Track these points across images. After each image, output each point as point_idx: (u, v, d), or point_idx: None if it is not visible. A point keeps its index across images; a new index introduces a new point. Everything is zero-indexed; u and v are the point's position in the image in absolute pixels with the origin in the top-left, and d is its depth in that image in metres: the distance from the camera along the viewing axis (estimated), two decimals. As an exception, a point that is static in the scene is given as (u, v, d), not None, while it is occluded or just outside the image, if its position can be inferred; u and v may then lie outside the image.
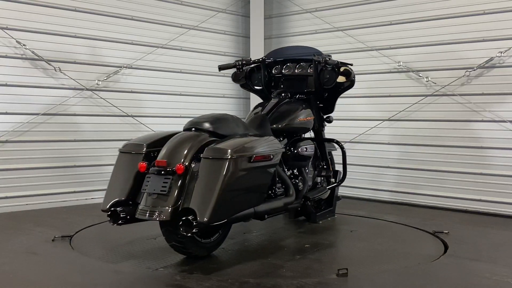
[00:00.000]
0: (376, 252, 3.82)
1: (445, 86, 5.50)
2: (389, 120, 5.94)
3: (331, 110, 4.65)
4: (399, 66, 5.85)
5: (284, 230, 4.48)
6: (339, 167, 4.76)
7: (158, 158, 3.30)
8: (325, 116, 4.69)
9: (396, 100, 5.90)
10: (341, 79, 4.40)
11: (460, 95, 5.43)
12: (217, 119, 3.57)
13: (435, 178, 5.61)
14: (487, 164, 5.28)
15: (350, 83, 4.41)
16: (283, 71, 4.57)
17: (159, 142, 3.47)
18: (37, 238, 4.06)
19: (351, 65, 4.40)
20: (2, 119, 5.13)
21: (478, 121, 5.33)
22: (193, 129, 3.50)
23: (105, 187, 3.48)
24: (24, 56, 5.26)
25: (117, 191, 3.37)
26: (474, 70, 5.31)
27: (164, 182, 3.19)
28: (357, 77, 5.94)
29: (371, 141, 6.09)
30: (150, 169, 3.28)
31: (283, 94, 4.46)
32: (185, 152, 3.27)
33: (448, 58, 5.52)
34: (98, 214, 4.96)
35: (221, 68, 4.51)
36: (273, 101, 4.32)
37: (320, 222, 4.70)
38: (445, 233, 4.28)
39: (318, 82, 4.42)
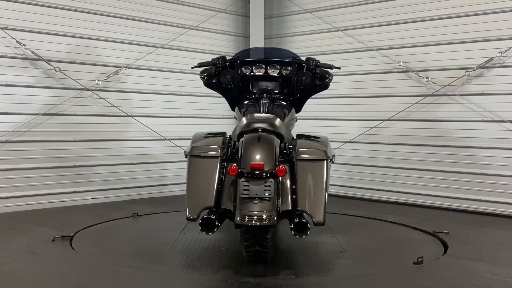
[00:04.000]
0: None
1: (445, 86, 5.50)
2: (389, 120, 5.94)
3: (299, 110, 4.64)
4: (399, 66, 5.85)
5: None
6: None
7: (252, 161, 3.11)
8: None
9: (396, 100, 5.90)
10: None
11: (460, 95, 5.43)
12: (276, 120, 3.51)
13: (435, 178, 5.61)
14: (487, 164, 5.27)
15: (324, 85, 4.39)
16: (254, 71, 4.38)
17: (225, 144, 3.38)
18: (37, 238, 4.06)
19: (339, 68, 4.35)
20: (2, 119, 5.12)
21: (478, 121, 5.33)
22: (260, 130, 3.37)
23: (105, 187, 3.46)
24: (24, 56, 5.25)
25: (204, 197, 3.18)
26: (474, 70, 5.31)
27: (266, 186, 3.08)
28: (358, 77, 5.95)
29: (371, 141, 6.09)
30: (245, 172, 3.11)
31: (265, 95, 4.28)
32: (275, 154, 3.18)
33: (448, 58, 5.52)
34: (98, 214, 4.99)
35: (200, 65, 4.45)
36: (264, 101, 4.24)
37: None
38: (445, 233, 4.28)
39: (295, 83, 4.38)
